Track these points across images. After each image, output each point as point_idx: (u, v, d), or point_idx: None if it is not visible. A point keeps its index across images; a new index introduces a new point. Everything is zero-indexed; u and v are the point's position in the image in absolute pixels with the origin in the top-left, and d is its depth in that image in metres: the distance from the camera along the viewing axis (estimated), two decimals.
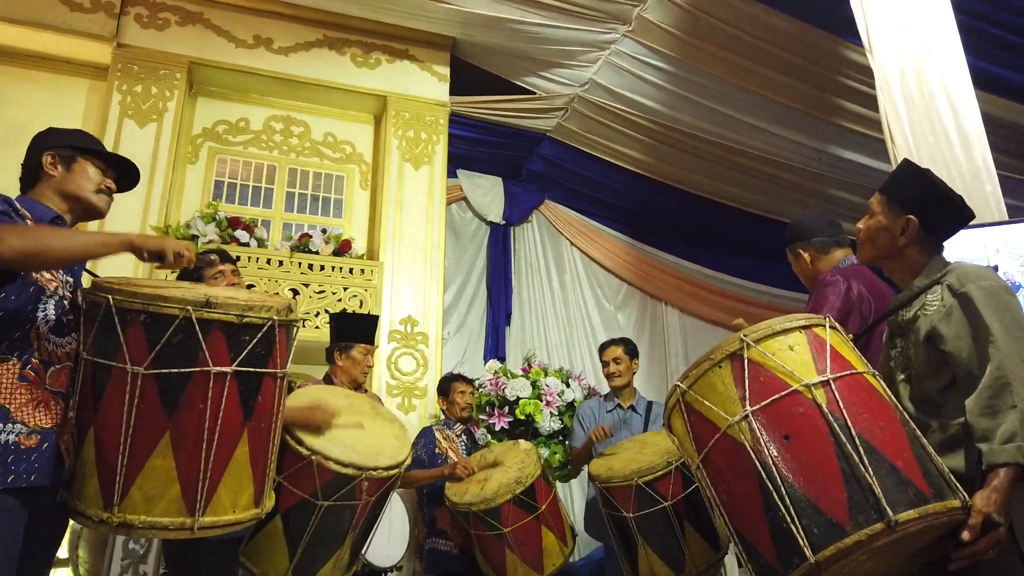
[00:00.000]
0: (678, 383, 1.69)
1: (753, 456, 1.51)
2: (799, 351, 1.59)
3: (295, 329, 1.95)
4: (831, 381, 1.54)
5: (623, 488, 3.23)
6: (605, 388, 4.30)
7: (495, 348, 6.63)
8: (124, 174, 2.12)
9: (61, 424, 1.76)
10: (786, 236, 2.71)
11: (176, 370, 1.70)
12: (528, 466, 3.44)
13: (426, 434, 3.86)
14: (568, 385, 4.78)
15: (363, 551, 2.80)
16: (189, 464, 1.70)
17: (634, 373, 4.06)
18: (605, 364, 4.07)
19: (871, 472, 1.43)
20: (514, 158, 7.13)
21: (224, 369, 1.73)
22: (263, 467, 1.87)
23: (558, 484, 4.18)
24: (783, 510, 1.45)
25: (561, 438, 4.63)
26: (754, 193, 7.28)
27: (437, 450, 3.79)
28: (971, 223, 1.95)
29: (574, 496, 6.10)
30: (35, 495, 1.72)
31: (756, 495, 1.50)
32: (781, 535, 1.46)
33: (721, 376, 1.60)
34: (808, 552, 1.41)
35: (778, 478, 1.48)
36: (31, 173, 1.97)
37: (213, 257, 2.81)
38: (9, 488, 1.64)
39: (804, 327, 1.64)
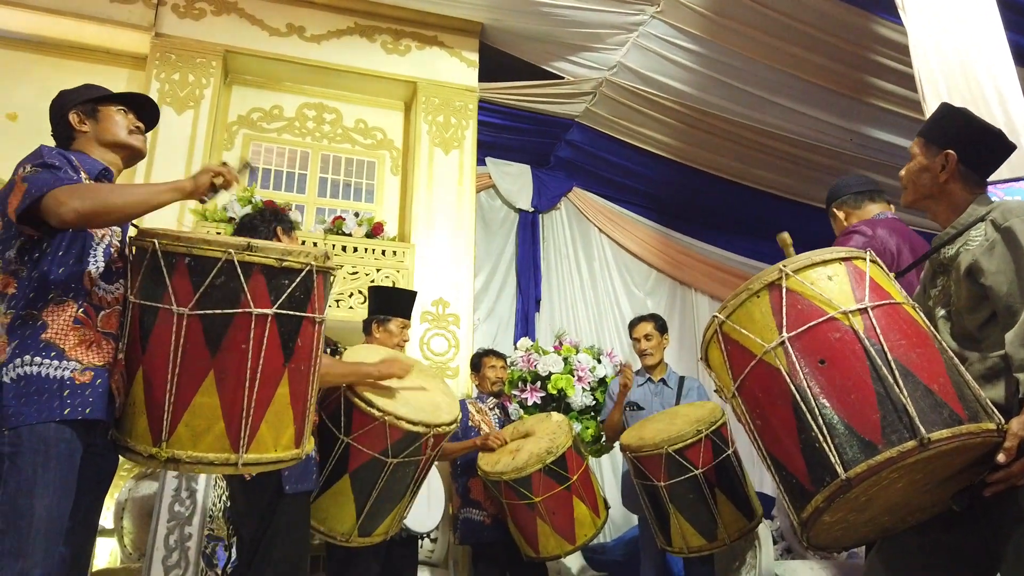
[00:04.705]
0: (716, 314, 1.70)
1: (788, 380, 1.51)
2: (838, 281, 1.59)
3: (332, 277, 2.00)
4: (869, 309, 1.53)
5: (653, 457, 3.23)
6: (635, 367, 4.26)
7: (524, 335, 6.63)
8: (145, 114, 2.14)
9: (112, 363, 1.83)
10: (825, 203, 2.75)
11: (219, 311, 1.75)
12: (559, 437, 3.44)
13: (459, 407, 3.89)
14: (599, 361, 4.78)
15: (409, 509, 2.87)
16: (232, 402, 1.76)
17: (664, 349, 4.04)
18: (636, 341, 4.03)
19: (906, 394, 1.43)
20: (542, 145, 7.14)
21: (265, 311, 1.79)
22: (303, 408, 1.92)
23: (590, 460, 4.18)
24: (816, 431, 1.46)
25: (593, 414, 4.64)
26: (784, 176, 7.19)
27: (470, 423, 3.81)
28: (1011, 177, 1.93)
29: (605, 474, 6.09)
30: (90, 429, 1.79)
31: (790, 418, 1.50)
32: (814, 455, 1.46)
33: (759, 305, 1.60)
34: (840, 469, 1.41)
35: (812, 400, 1.48)
36: (65, 136, 2.01)
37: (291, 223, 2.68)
38: (67, 420, 1.71)
39: (844, 259, 1.64)
